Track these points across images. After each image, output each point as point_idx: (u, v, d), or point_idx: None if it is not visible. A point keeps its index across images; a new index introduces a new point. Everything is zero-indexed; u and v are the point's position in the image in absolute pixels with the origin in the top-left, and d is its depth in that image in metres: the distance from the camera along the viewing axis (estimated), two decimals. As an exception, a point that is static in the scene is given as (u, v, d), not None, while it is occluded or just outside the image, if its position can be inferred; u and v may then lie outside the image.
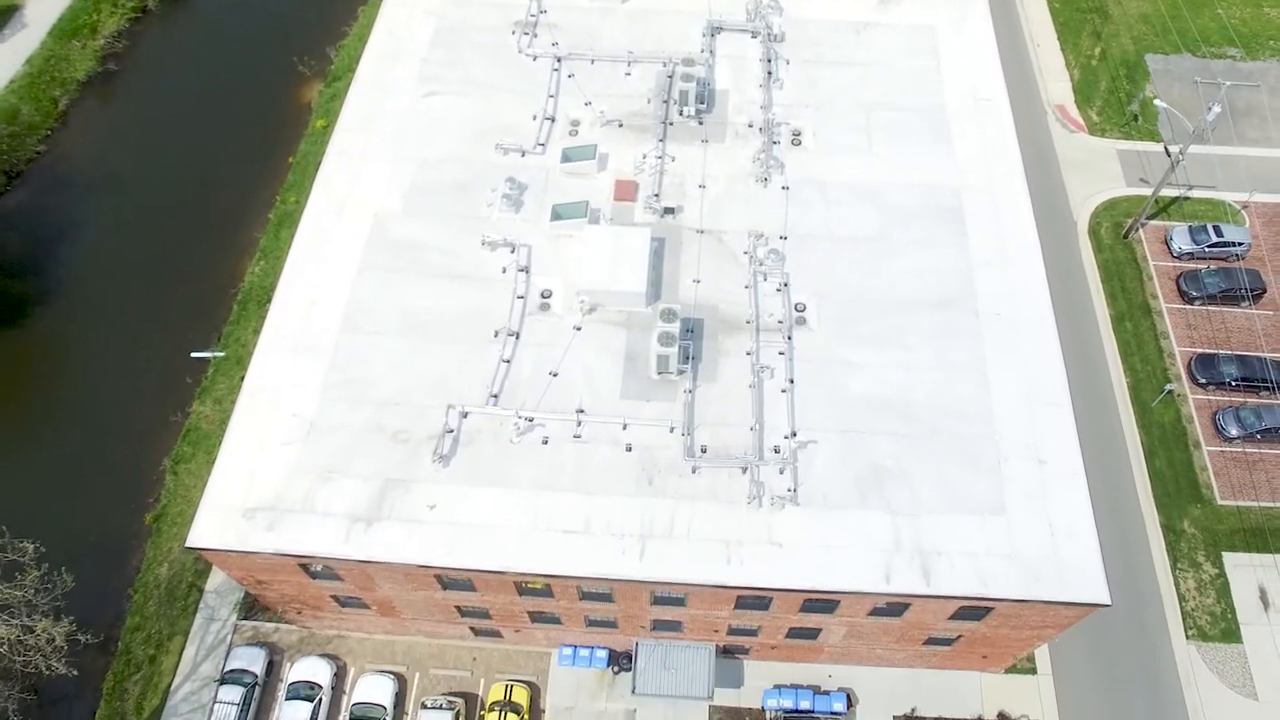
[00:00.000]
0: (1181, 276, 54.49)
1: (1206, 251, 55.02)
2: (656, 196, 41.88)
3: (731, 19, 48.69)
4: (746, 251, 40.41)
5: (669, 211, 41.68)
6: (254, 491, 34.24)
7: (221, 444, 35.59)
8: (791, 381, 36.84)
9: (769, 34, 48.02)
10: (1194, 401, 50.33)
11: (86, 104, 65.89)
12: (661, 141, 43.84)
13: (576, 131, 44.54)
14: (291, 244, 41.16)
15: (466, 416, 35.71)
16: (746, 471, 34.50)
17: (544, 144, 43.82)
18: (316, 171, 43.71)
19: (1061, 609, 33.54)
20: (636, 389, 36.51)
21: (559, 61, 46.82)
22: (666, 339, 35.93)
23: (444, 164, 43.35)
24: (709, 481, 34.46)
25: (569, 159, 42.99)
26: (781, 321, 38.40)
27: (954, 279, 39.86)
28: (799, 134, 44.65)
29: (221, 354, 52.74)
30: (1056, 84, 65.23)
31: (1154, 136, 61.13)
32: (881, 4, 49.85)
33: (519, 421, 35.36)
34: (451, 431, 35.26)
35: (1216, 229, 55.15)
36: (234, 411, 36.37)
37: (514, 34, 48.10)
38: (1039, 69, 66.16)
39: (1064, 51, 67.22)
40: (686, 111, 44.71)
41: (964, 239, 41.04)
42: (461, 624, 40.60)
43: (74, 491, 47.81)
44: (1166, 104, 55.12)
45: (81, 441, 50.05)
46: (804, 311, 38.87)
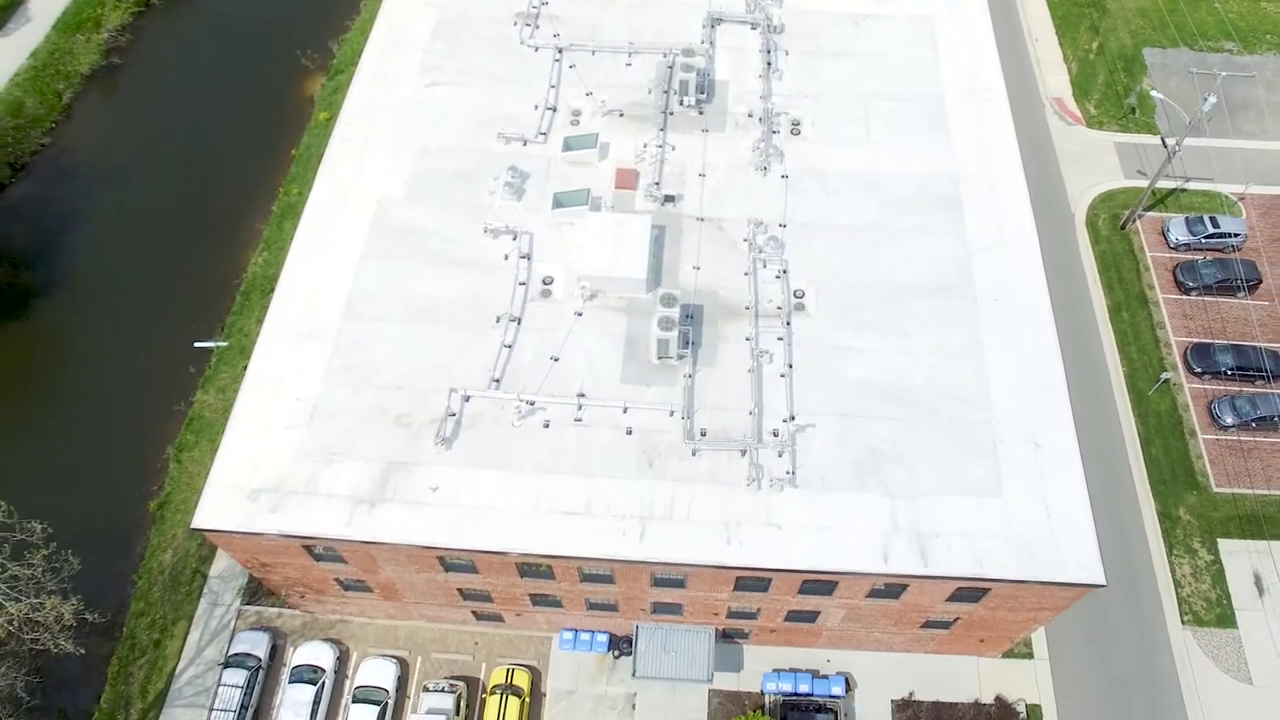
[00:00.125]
0: (1178, 267, 54.86)
1: (1203, 242, 55.39)
2: (657, 185, 42.24)
3: (731, 10, 49.02)
4: (746, 239, 40.75)
5: (669, 199, 42.03)
6: (258, 474, 34.56)
7: (226, 427, 35.92)
8: (790, 366, 37.20)
9: (768, 25, 48.37)
10: (1190, 390, 50.70)
11: (90, 97, 66.33)
12: (662, 131, 44.19)
13: (578, 121, 44.91)
14: (295, 233, 41.53)
15: (468, 400, 36.06)
16: (745, 454, 34.84)
17: (545, 133, 44.19)
18: (319, 162, 44.08)
19: (1057, 590, 33.89)
20: (637, 374, 36.87)
21: (560, 52, 47.19)
22: (666, 324, 36.28)
23: (446, 153, 43.70)
24: (709, 464, 34.81)
25: (570, 148, 43.33)
26: (780, 308, 38.76)
27: (952, 266, 40.21)
28: (798, 124, 45.02)
29: (224, 344, 53.10)
30: (1054, 77, 65.62)
31: (1151, 129, 61.51)
32: (880, -5, 50.32)
33: (520, 405, 35.70)
34: (454, 415, 35.61)
35: (1213, 220, 55.53)
36: (238, 396, 36.71)
37: (515, 25, 48.47)
38: (1037, 63, 66.56)
39: (1062, 45, 67.62)
40: (687, 101, 45.07)
41: (962, 226, 41.40)
42: (463, 607, 40.96)
43: (78, 480, 48.10)
44: (1163, 95, 55.43)
45: (86, 430, 50.38)
46: (803, 298, 39.23)
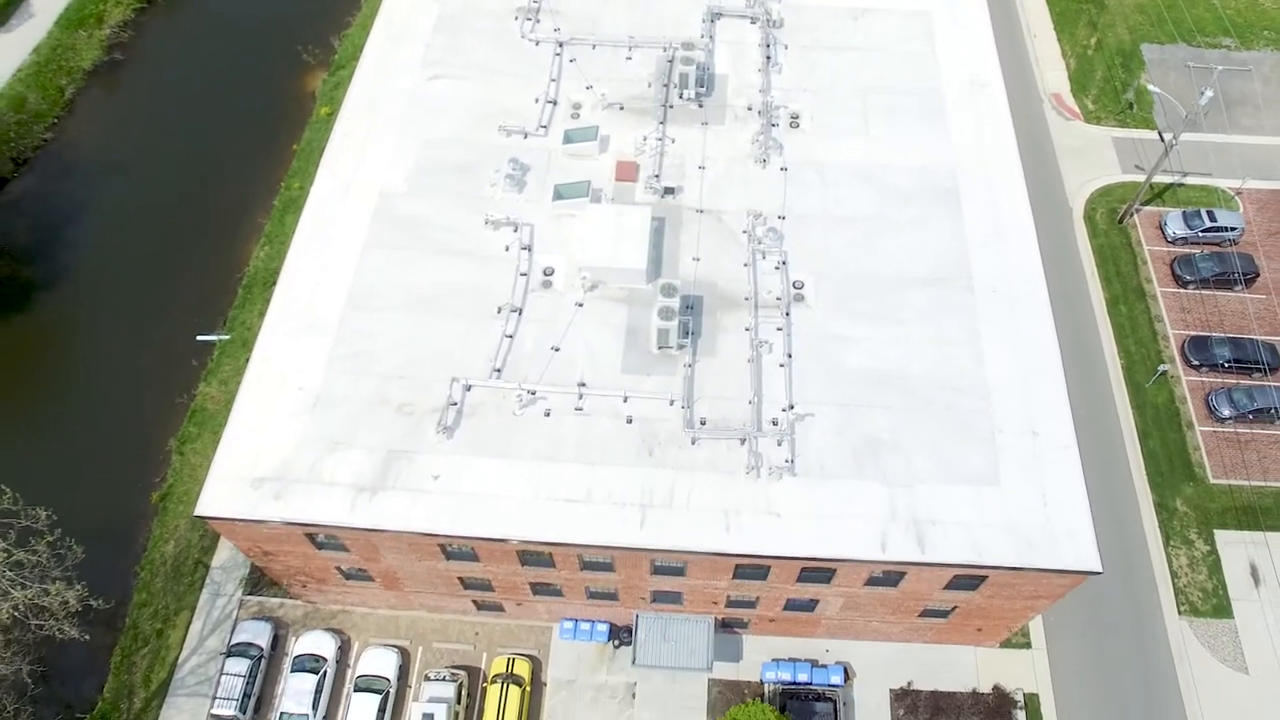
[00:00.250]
0: (1175, 261, 55.12)
1: (1200, 236, 55.66)
2: (657, 177, 42.49)
3: (730, 5, 49.25)
4: (745, 230, 41.02)
5: (669, 192, 42.28)
6: (261, 462, 34.81)
7: (229, 416, 36.19)
8: (789, 356, 37.45)
9: (768, 19, 48.62)
10: (1187, 383, 50.97)
11: (93, 93, 66.57)
12: (662, 124, 44.45)
13: (578, 114, 45.17)
14: (297, 225, 41.78)
15: (470, 389, 36.31)
16: (745, 443, 35.09)
17: (546, 126, 44.46)
18: (321, 156, 44.27)
19: (1054, 577, 34.15)
20: (637, 363, 37.12)
21: (560, 46, 47.45)
22: (666, 313, 36.53)
23: (447, 145, 43.98)
24: (708, 453, 35.06)
25: (571, 140, 43.59)
26: (780, 298, 39.01)
27: (950, 257, 40.46)
28: (797, 117, 45.29)
29: (227, 337, 53.36)
30: (1053, 73, 65.90)
31: (1149, 124, 61.79)
32: (878, -10, 50.57)
33: (521, 394, 35.94)
34: (455, 404, 35.86)
35: (1210, 214, 55.78)
36: (241, 385, 36.96)
37: (516, 19, 48.73)
38: (1035, 58, 66.83)
39: (1060, 41, 67.88)
40: (686, 95, 45.33)
41: (959, 218, 41.65)
42: (464, 596, 41.22)
43: (81, 472, 48.26)
44: (1160, 90, 55.71)
45: (88, 423, 50.59)
46: (802, 289, 39.48)
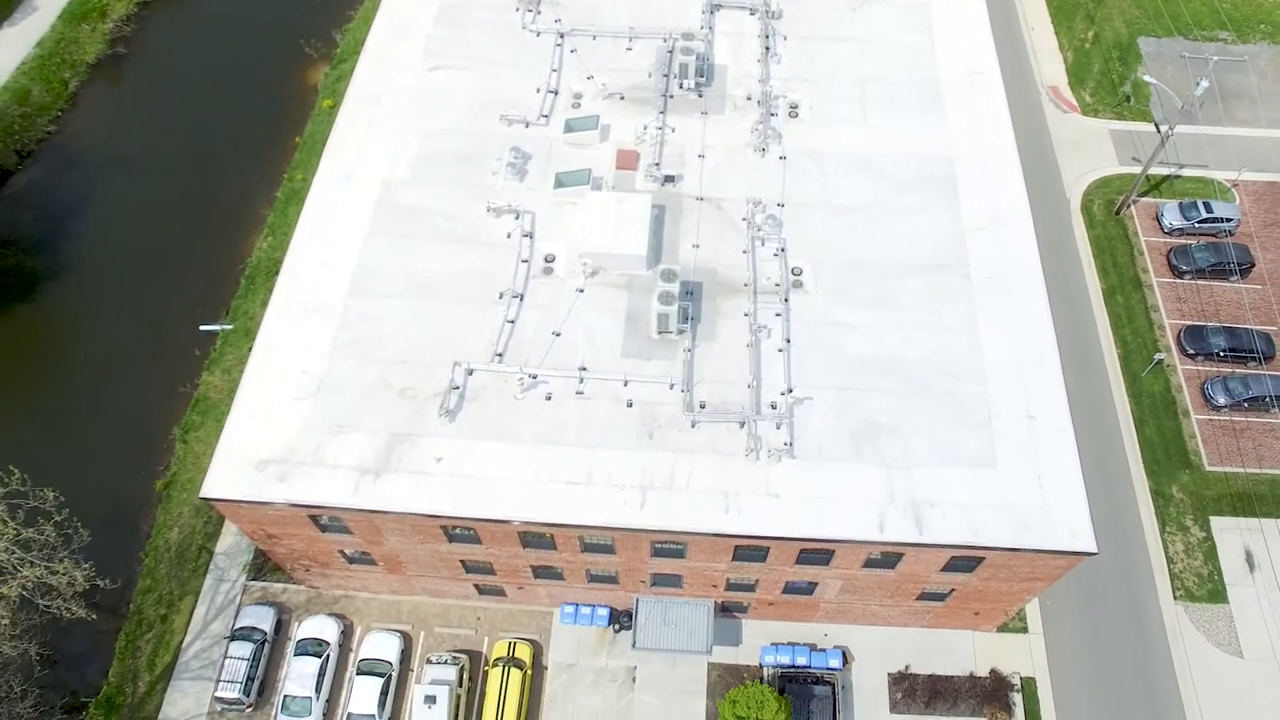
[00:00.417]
0: (1172, 251, 55.49)
1: (1196, 227, 56.02)
2: (657, 165, 42.87)
3: (730, -4, 49.79)
4: (745, 218, 41.41)
5: (669, 180, 42.67)
6: (266, 445, 35.18)
7: (234, 400, 36.57)
8: (788, 341, 37.83)
9: (767, 11, 49.03)
10: (1183, 371, 51.35)
11: (96, 86, 66.97)
12: (662, 113, 44.84)
13: (579, 104, 45.56)
14: (300, 214, 42.13)
15: (472, 374, 36.69)
16: (744, 426, 35.47)
17: (547, 116, 44.84)
18: (323, 148, 44.51)
19: (1050, 558, 34.52)
20: (637, 348, 37.51)
21: (561, 37, 47.84)
22: (666, 298, 36.91)
23: (449, 135, 44.36)
24: (708, 436, 35.44)
25: (572, 129, 43.97)
26: (778, 285, 39.39)
27: (947, 244, 40.84)
28: (796, 107, 45.68)
29: (230, 327, 53.73)
30: (1050, 66, 66.29)
31: (1146, 117, 62.18)
32: (877, -18, 50.95)
33: (523, 378, 36.33)
34: (457, 388, 36.23)
35: (1207, 205, 56.15)
36: (246, 369, 37.35)
37: (517, 11, 49.10)
38: (1033, 51, 67.21)
39: (1058, 35, 68.27)
40: (686, 85, 45.72)
41: (956, 206, 42.03)
42: (466, 580, 41.59)
43: (85, 461, 48.50)
44: (1156, 80, 56.11)
45: (92, 413, 50.96)
46: (800, 275, 39.86)
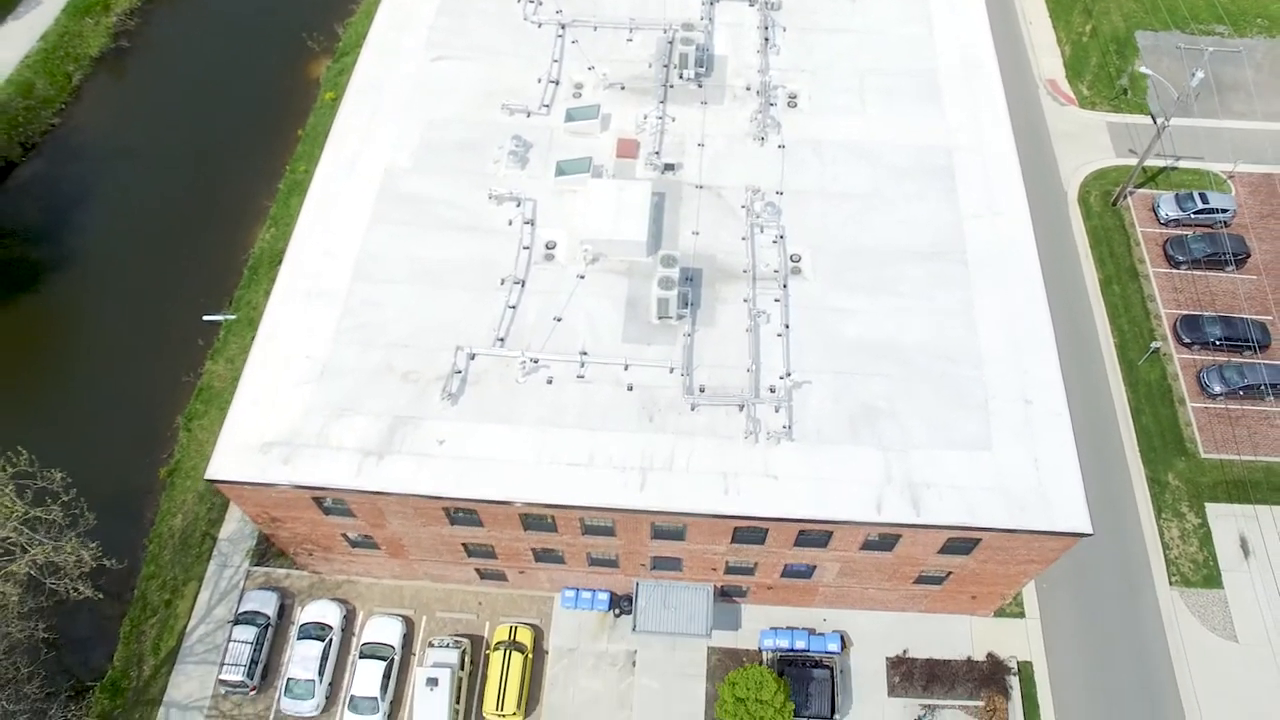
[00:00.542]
0: (1168, 242, 55.89)
1: (1193, 218, 56.41)
2: (657, 154, 43.29)
3: (730, -12, 50.15)
4: (744, 205, 41.79)
5: (669, 168, 43.07)
6: (270, 428, 35.55)
7: (239, 384, 36.97)
8: (787, 326, 38.21)
9: (766, 2, 49.43)
10: (1179, 360, 51.74)
11: (99, 79, 67.43)
12: (662, 103, 45.24)
13: (580, 94, 45.95)
14: (303, 204, 42.51)
15: (474, 358, 37.08)
16: (743, 409, 35.85)
17: (548, 105, 45.25)
18: (326, 140, 44.93)
19: (1046, 539, 34.90)
20: (637, 333, 37.90)
21: (563, 28, 48.26)
22: (666, 283, 37.29)
23: (451, 124, 44.76)
24: (707, 419, 35.83)
25: (573, 118, 44.38)
26: (777, 271, 39.78)
27: (944, 232, 41.22)
28: (795, 97, 46.06)
29: (233, 317, 54.11)
30: (1048, 59, 66.71)
31: (1142, 109, 62.59)
32: (875, -26, 51.34)
33: (525, 362, 36.73)
34: (460, 372, 36.62)
35: (1203, 196, 56.53)
36: (250, 353, 37.74)
37: (519, 2, 49.54)
38: (1031, 45, 67.62)
39: (1055, 28, 68.67)
40: (686, 75, 46.12)
41: (954, 194, 42.42)
42: (468, 564, 41.98)
43: (90, 449, 48.65)
44: (1153, 73, 56.51)
45: (97, 402, 51.29)
46: (799, 262, 40.26)
